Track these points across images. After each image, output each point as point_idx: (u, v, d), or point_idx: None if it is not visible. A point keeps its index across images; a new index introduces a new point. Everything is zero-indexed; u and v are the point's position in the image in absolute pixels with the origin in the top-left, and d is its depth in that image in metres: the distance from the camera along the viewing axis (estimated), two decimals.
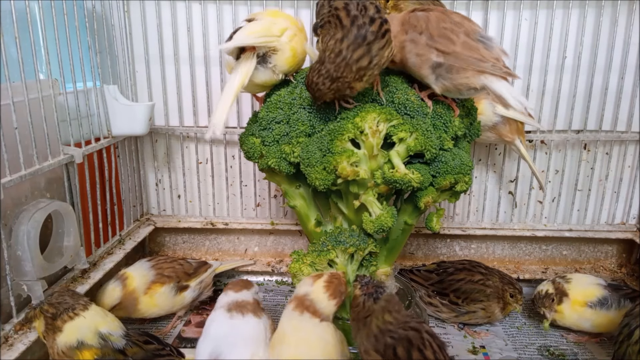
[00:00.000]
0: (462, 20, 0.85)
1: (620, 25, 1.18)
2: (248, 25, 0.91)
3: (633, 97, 1.23)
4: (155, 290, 1.03)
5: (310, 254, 0.94)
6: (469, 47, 0.81)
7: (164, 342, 0.86)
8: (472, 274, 1.07)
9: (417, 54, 0.84)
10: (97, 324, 0.79)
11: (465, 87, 0.83)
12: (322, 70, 0.80)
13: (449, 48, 0.81)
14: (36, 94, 0.90)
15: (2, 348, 0.80)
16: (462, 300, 1.04)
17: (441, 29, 0.82)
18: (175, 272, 1.07)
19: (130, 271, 1.04)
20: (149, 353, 0.81)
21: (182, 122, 1.29)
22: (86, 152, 1.05)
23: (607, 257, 1.36)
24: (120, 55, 1.21)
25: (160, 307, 1.04)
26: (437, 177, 0.90)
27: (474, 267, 1.09)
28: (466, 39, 0.82)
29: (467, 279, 1.06)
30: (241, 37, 0.88)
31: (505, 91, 0.81)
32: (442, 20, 0.84)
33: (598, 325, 1.01)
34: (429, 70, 0.84)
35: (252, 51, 0.90)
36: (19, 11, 0.85)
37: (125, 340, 0.80)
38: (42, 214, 0.89)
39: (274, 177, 0.99)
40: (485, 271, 1.08)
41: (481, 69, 0.80)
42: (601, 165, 1.30)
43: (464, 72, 0.81)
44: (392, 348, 0.71)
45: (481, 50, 0.81)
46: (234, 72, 0.91)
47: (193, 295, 1.09)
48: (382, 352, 0.72)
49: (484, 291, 1.05)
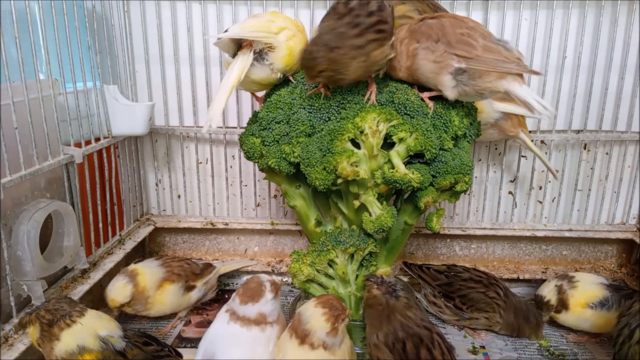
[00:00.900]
0: (476, 25, 0.85)
1: (620, 25, 1.18)
2: (245, 20, 0.91)
3: (633, 97, 1.23)
4: (164, 288, 1.03)
5: (310, 254, 0.94)
6: (490, 50, 0.82)
7: (163, 343, 0.86)
8: (487, 289, 1.03)
9: (434, 61, 0.84)
10: (95, 328, 0.78)
11: (488, 91, 0.84)
12: (319, 40, 0.79)
13: (471, 53, 0.82)
14: (36, 94, 0.90)
15: (2, 348, 0.80)
16: (467, 307, 1.04)
17: (458, 35, 0.83)
18: (184, 271, 1.07)
19: (141, 267, 1.03)
20: (148, 354, 0.80)
21: (182, 122, 1.29)
22: (86, 152, 1.05)
23: (607, 257, 1.36)
24: (120, 55, 1.21)
25: (167, 305, 1.04)
26: (437, 177, 0.90)
27: (491, 284, 1.04)
28: (485, 42, 0.82)
29: (478, 290, 1.04)
30: (236, 29, 0.88)
31: (529, 95, 0.82)
32: (457, 26, 0.84)
33: (598, 325, 1.01)
34: (448, 77, 0.84)
35: (249, 47, 0.90)
36: (19, 11, 0.85)
37: (125, 342, 0.80)
38: (42, 214, 0.89)
39: (274, 177, 0.99)
40: (502, 292, 1.03)
41: (506, 69, 0.81)
42: (601, 165, 1.30)
43: (487, 76, 0.82)
44: (402, 342, 0.72)
45: (503, 52, 0.82)
46: (231, 67, 0.91)
47: (198, 295, 1.09)
48: (391, 346, 0.72)
49: (492, 305, 1.02)
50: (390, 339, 0.74)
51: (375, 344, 0.75)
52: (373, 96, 0.87)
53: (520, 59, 0.83)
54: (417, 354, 0.72)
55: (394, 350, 0.73)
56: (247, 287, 0.82)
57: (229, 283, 1.27)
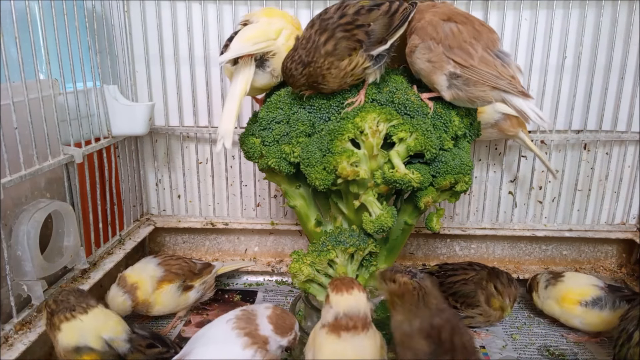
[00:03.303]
0: (482, 30, 0.85)
1: (620, 25, 1.18)
2: (243, 31, 0.90)
3: (633, 97, 1.23)
4: (163, 289, 1.03)
5: (310, 254, 0.94)
6: (486, 62, 0.83)
7: (170, 344, 0.84)
8: (466, 272, 1.07)
9: (428, 60, 0.85)
10: (99, 329, 0.78)
11: (480, 100, 0.85)
12: (295, 56, 0.83)
13: (467, 62, 0.82)
14: (36, 94, 0.90)
15: (2, 348, 0.80)
16: (461, 304, 1.04)
17: (461, 42, 0.83)
18: (182, 270, 1.07)
19: (140, 279, 1.01)
20: (150, 357, 0.80)
21: (182, 122, 1.29)
22: (86, 152, 1.05)
23: (607, 257, 1.36)
24: (120, 55, 1.21)
25: (165, 305, 1.04)
26: (437, 177, 0.90)
27: (470, 265, 1.09)
28: (484, 53, 0.83)
29: (462, 279, 1.05)
30: (238, 46, 0.87)
31: (524, 105, 0.83)
32: (463, 31, 0.84)
33: (590, 324, 1.01)
34: (442, 77, 0.84)
35: (249, 56, 0.89)
36: (19, 11, 0.85)
37: (129, 345, 0.79)
38: (42, 214, 0.89)
39: (274, 177, 0.99)
40: (479, 268, 1.08)
41: (497, 85, 0.82)
42: (601, 165, 1.30)
43: (481, 85, 0.83)
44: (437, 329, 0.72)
45: (498, 67, 0.83)
46: (235, 79, 0.90)
47: (196, 296, 1.09)
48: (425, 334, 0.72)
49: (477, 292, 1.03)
50: (425, 327, 0.74)
51: (408, 333, 0.74)
52: (355, 105, 0.87)
53: (514, 77, 0.83)
54: (452, 341, 0.72)
55: (430, 339, 0.73)
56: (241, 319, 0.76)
57: (228, 283, 1.27)
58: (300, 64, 0.82)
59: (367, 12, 0.83)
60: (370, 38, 0.82)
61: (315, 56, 0.81)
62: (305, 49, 0.82)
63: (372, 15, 0.83)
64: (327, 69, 0.82)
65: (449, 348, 0.71)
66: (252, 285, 1.27)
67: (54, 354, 0.90)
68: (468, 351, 0.73)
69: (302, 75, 0.83)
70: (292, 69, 0.83)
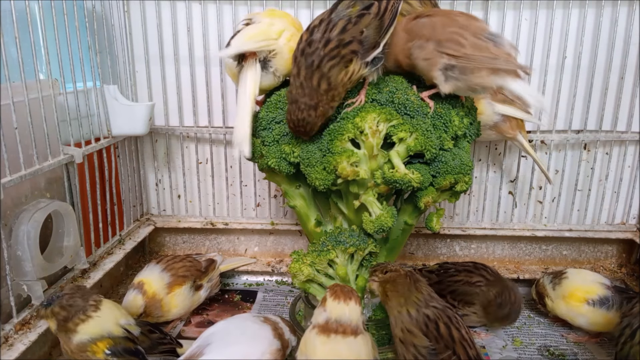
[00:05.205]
0: (468, 21, 0.85)
1: (620, 25, 1.18)
2: (245, 30, 0.90)
3: (633, 97, 1.23)
4: (175, 292, 1.03)
5: (310, 254, 0.94)
6: (478, 47, 0.82)
7: (165, 332, 0.90)
8: (470, 275, 1.04)
9: (424, 59, 0.84)
10: (115, 317, 0.83)
11: (480, 87, 0.84)
12: (301, 105, 0.82)
13: (459, 51, 0.82)
14: (36, 94, 0.90)
15: (2, 348, 0.80)
16: (458, 303, 1.04)
17: (448, 34, 0.83)
18: (189, 271, 1.07)
19: (144, 277, 1.02)
20: (153, 341, 0.85)
21: (182, 122, 1.29)
22: (86, 152, 1.05)
23: (607, 257, 1.36)
24: (120, 55, 1.21)
25: (180, 307, 1.04)
26: (437, 177, 0.90)
27: (477, 269, 1.05)
28: (474, 39, 0.82)
29: (464, 281, 1.04)
30: (239, 43, 0.87)
31: (522, 90, 0.82)
32: (447, 24, 0.84)
33: (595, 323, 1.00)
34: (438, 73, 0.84)
35: (253, 57, 0.89)
36: (19, 11, 0.85)
37: (139, 329, 0.84)
38: (42, 214, 0.89)
39: (274, 177, 0.99)
40: (490, 277, 1.03)
41: (494, 66, 0.81)
42: (601, 165, 1.30)
43: (479, 71, 0.82)
44: (434, 323, 0.73)
45: (491, 48, 0.82)
46: (241, 82, 0.90)
47: (206, 294, 1.10)
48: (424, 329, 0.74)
49: (475, 291, 1.02)
50: (422, 320, 0.74)
51: (409, 329, 0.75)
52: (355, 105, 0.87)
53: (510, 54, 0.82)
54: (450, 334, 0.73)
55: (429, 333, 0.73)
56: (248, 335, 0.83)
57: (228, 283, 1.27)
58: (310, 109, 0.82)
59: (358, 18, 0.82)
60: (364, 45, 0.82)
61: (318, 97, 0.82)
62: (306, 94, 0.81)
63: (364, 21, 0.82)
64: (332, 98, 0.83)
65: (448, 342, 0.72)
66: (252, 285, 1.27)
67: (54, 354, 0.90)
68: (467, 344, 0.74)
69: (317, 117, 0.83)
70: (307, 117, 0.82)
